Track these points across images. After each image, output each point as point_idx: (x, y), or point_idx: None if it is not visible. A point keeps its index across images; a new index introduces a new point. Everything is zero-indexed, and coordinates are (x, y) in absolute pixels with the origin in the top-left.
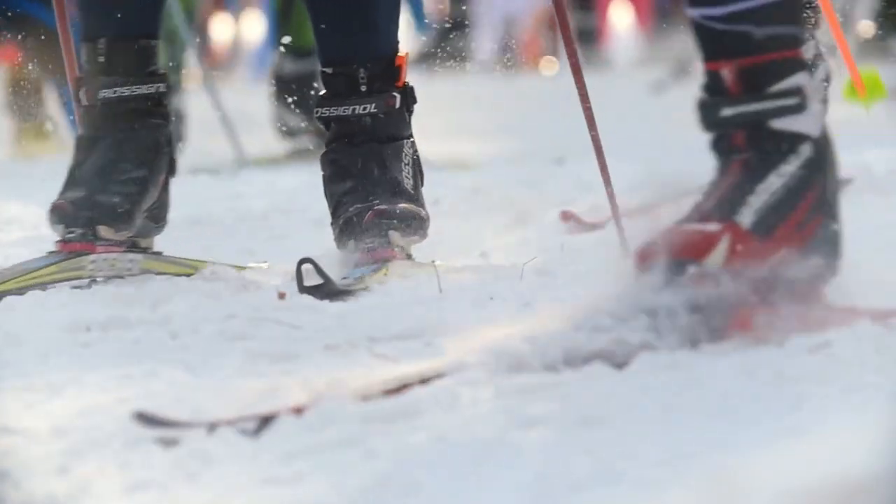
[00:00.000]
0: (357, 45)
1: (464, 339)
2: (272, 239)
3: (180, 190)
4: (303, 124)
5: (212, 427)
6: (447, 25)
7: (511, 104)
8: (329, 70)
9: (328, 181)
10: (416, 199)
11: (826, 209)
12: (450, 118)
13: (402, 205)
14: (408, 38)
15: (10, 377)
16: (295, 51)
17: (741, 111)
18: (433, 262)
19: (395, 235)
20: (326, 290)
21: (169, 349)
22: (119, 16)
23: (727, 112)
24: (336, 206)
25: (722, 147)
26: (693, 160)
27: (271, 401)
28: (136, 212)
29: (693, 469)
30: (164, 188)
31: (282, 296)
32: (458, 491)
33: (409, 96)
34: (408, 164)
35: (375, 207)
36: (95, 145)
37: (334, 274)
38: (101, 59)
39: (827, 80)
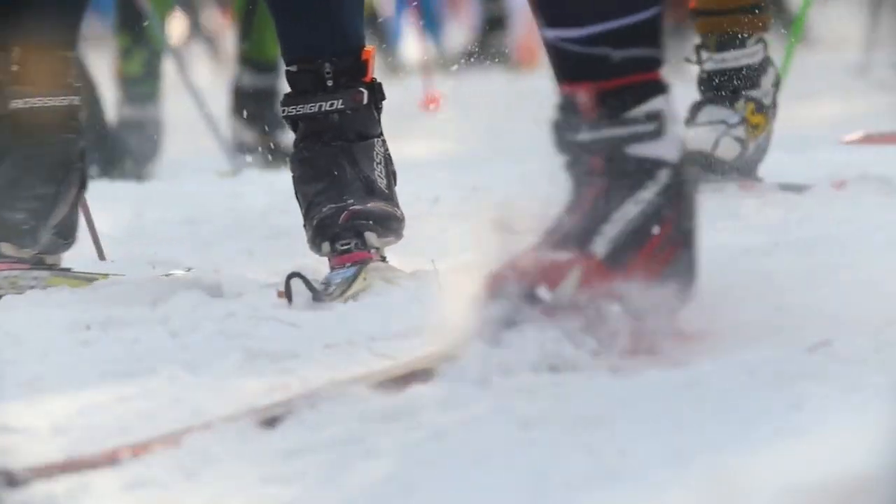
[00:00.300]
0: (321, 40)
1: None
2: (271, 238)
3: (179, 189)
4: (258, 141)
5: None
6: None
7: (511, 102)
8: (294, 68)
9: (299, 181)
10: (390, 198)
11: (682, 236)
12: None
13: (378, 205)
14: (421, 47)
15: (9, 376)
16: (255, 64)
17: (598, 136)
18: (432, 261)
19: (371, 237)
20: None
21: (168, 348)
22: (35, 25)
23: (583, 136)
24: (308, 207)
25: (577, 171)
26: None
27: (271, 399)
28: (42, 229)
29: (692, 468)
30: (75, 204)
31: (281, 295)
32: (457, 490)
33: (377, 92)
34: (379, 164)
35: (350, 208)
36: (3, 159)
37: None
38: (15, 67)
39: (777, 84)
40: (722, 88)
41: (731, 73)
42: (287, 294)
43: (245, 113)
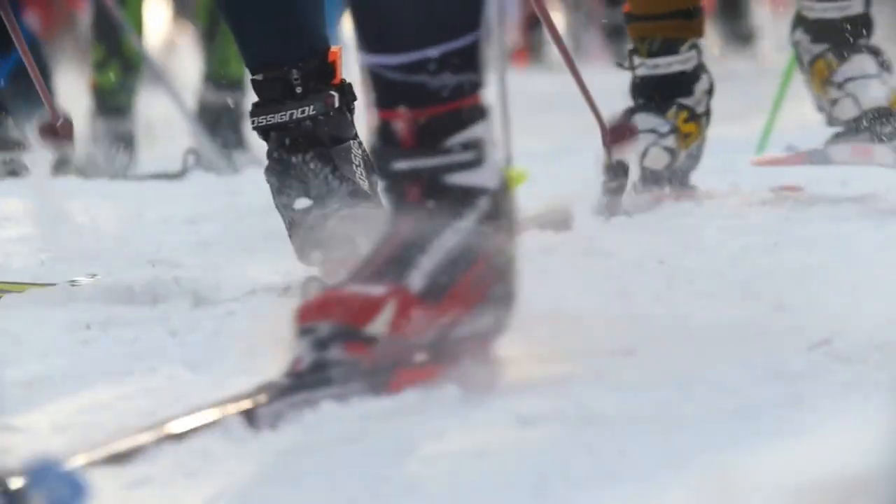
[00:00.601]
0: (285, 46)
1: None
2: (271, 238)
3: (179, 187)
4: (219, 156)
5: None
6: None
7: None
8: (259, 77)
9: (278, 194)
10: (375, 199)
11: (502, 265)
12: None
13: (363, 208)
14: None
15: (9, 375)
16: (217, 81)
17: (415, 165)
18: None
19: (362, 241)
20: None
21: (168, 347)
22: None
23: (401, 165)
24: (292, 219)
25: (395, 198)
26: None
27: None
28: None
29: (693, 467)
30: None
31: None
32: (457, 489)
33: (347, 94)
34: (359, 166)
35: (337, 214)
36: None
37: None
38: None
39: (710, 91)
40: (654, 96)
41: (663, 80)
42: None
43: (208, 127)
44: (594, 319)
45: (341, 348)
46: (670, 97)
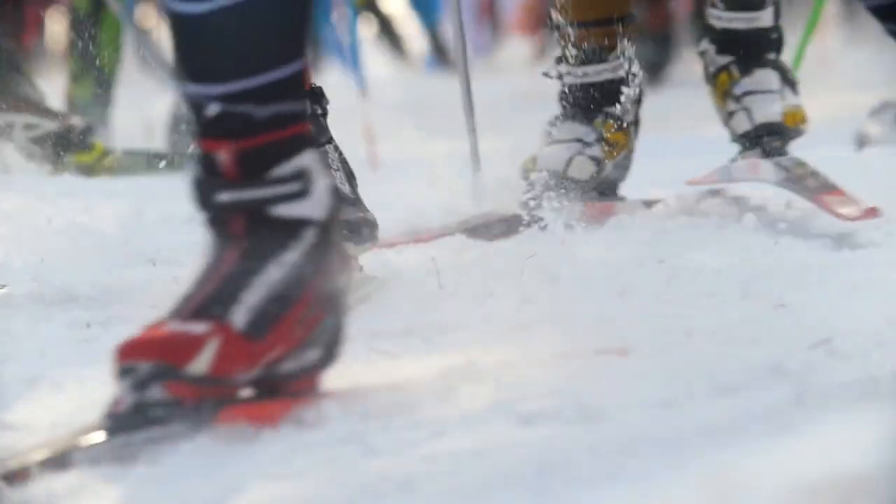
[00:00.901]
0: None
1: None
2: None
3: (179, 185)
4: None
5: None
6: None
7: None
8: None
9: None
10: (357, 203)
11: (329, 297)
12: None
13: (348, 213)
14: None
15: (9, 374)
16: None
17: (239, 197)
18: (433, 258)
19: (349, 247)
20: None
21: None
22: None
23: (224, 197)
24: None
25: (218, 231)
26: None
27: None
28: None
29: (693, 466)
30: None
31: None
32: (457, 487)
33: (319, 98)
34: (338, 170)
35: None
36: None
37: None
38: None
39: (639, 100)
40: (581, 104)
41: (590, 89)
42: None
43: (179, 143)
44: (594, 319)
45: (161, 388)
46: (598, 106)
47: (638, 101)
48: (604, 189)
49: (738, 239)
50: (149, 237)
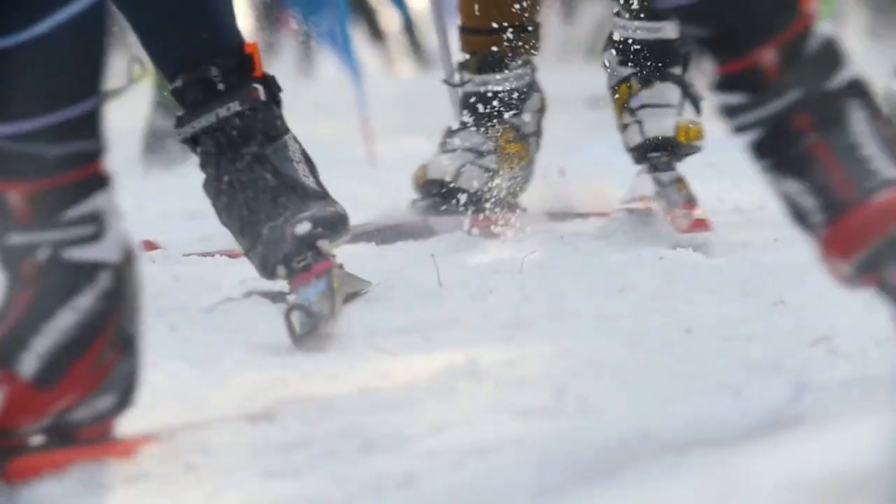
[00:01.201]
0: (199, 45)
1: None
2: None
3: (179, 182)
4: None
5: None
6: None
7: None
8: (179, 83)
9: (221, 210)
10: (325, 196)
11: (124, 342)
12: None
13: (317, 208)
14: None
15: None
16: (167, 106)
17: (31, 240)
18: (432, 255)
19: (324, 244)
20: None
21: (168, 341)
22: None
23: (15, 240)
24: (243, 234)
25: (9, 275)
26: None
27: (271, 393)
28: None
29: (693, 463)
30: None
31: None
32: (456, 483)
33: (272, 86)
34: (300, 161)
35: (292, 221)
36: None
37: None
38: None
39: (541, 110)
40: (480, 113)
41: (490, 97)
42: (290, 330)
43: (155, 155)
44: (594, 316)
45: None
46: (497, 115)
47: (540, 111)
48: (501, 200)
49: (738, 234)
50: (148, 233)
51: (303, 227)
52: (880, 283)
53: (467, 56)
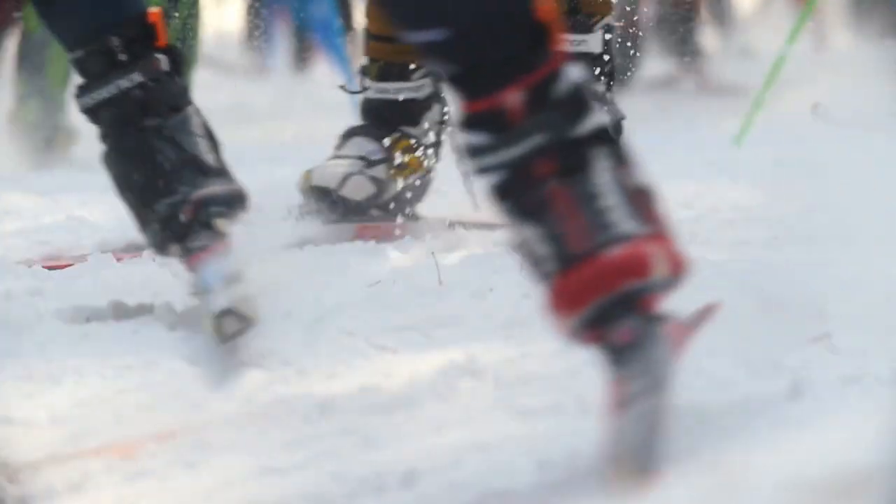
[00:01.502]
0: (99, 14)
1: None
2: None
3: None
4: None
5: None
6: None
7: None
8: (79, 54)
9: (118, 183)
10: (224, 174)
11: None
12: None
13: (216, 185)
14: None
15: (9, 367)
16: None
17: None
18: (433, 253)
19: (221, 223)
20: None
21: (168, 340)
22: None
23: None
24: (139, 209)
25: None
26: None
27: (271, 391)
28: None
29: (693, 459)
30: None
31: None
32: (457, 481)
33: (176, 57)
34: (202, 137)
35: (191, 198)
36: None
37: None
38: None
39: (442, 122)
40: (376, 120)
41: (389, 106)
42: (218, 333)
43: None
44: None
45: None
46: (394, 125)
47: (441, 123)
48: (393, 209)
49: (738, 232)
50: None
51: (199, 205)
52: (604, 342)
53: (370, 62)
